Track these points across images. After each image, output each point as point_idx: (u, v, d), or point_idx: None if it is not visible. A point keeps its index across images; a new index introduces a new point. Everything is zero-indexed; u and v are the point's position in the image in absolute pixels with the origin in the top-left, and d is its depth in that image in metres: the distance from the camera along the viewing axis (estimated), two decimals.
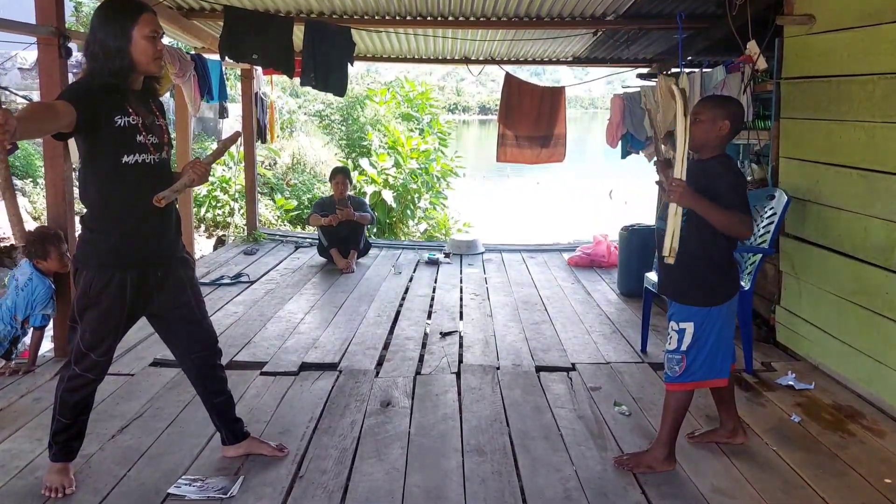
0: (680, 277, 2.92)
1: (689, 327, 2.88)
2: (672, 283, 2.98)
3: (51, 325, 4.26)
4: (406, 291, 6.07)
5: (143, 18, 2.51)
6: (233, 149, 11.18)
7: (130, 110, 2.54)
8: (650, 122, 6.36)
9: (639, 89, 6.87)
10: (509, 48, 7.69)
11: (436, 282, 6.46)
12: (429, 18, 6.23)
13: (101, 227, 2.61)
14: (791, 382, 3.90)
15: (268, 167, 13.72)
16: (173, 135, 4.27)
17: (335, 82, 6.34)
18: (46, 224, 4.33)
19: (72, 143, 4.04)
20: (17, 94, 9.45)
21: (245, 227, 8.93)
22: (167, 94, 5.48)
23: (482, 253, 7.79)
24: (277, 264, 6.98)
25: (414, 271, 6.87)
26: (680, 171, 2.70)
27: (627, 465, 2.98)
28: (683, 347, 2.89)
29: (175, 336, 2.87)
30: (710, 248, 2.86)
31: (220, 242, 10.34)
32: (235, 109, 10.70)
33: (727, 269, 2.93)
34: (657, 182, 3.07)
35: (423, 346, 4.63)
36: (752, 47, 4.71)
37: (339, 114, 15.30)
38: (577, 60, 8.29)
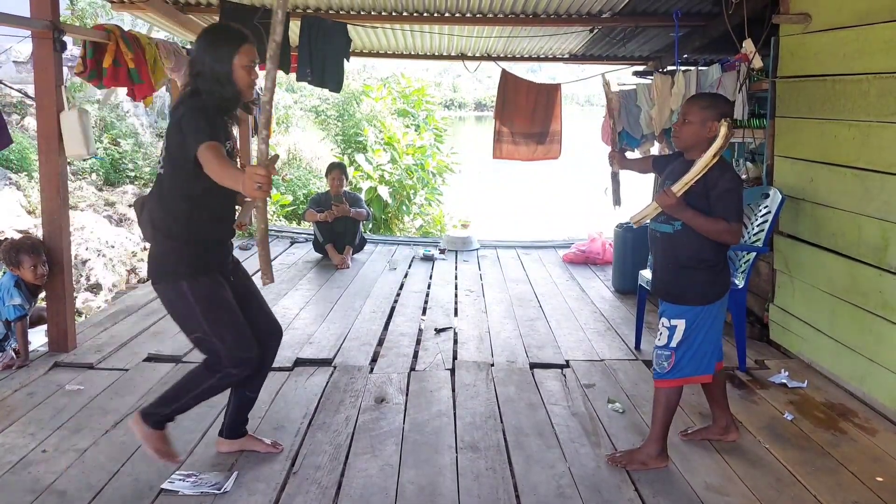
0: (673, 279, 2.95)
1: (681, 324, 2.90)
2: (665, 284, 3.00)
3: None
4: (401, 287, 6.07)
5: (243, 49, 2.61)
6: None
7: (230, 134, 2.70)
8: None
9: (635, 87, 6.88)
10: (506, 45, 7.68)
11: (431, 278, 6.47)
12: (425, 14, 6.23)
13: (186, 237, 2.68)
14: (784, 380, 3.92)
15: None
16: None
17: (331, 78, 6.33)
18: (42, 220, 4.31)
19: (67, 135, 4.04)
20: (11, 87, 9.42)
21: None
22: (163, 89, 5.46)
23: (477, 249, 7.79)
24: (272, 260, 6.94)
25: (409, 267, 6.87)
26: (681, 188, 2.74)
27: (621, 462, 2.99)
28: (673, 344, 2.90)
29: (253, 324, 2.87)
30: (703, 251, 2.87)
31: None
32: None
33: (720, 270, 2.93)
34: (612, 174, 3.10)
35: (418, 342, 4.63)
36: (748, 46, 4.72)
37: (335, 109, 15.27)
38: (574, 57, 8.29)
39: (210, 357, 2.71)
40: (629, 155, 3.95)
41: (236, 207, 2.97)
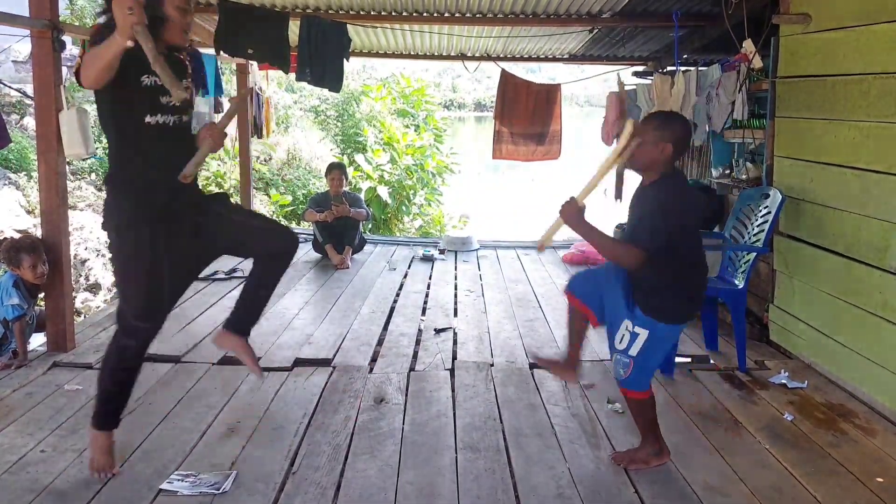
0: (651, 291, 2.87)
1: (644, 334, 2.83)
2: (643, 294, 2.89)
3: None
4: (400, 288, 6.07)
5: None
6: (228, 144, 11.15)
7: (153, 72, 2.52)
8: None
9: (634, 87, 6.87)
10: (505, 45, 7.68)
11: (430, 278, 6.46)
12: (425, 14, 6.22)
13: (123, 189, 2.63)
14: (784, 381, 3.91)
15: (263, 162, 13.68)
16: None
17: (331, 78, 6.32)
18: (41, 219, 4.31)
19: (66, 135, 4.03)
20: (10, 87, 9.41)
21: None
22: None
23: (477, 249, 7.79)
24: None
25: (408, 268, 6.87)
26: (582, 195, 2.75)
27: (623, 461, 2.99)
28: (633, 352, 2.85)
29: (253, 251, 2.93)
30: (655, 270, 2.78)
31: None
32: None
33: (684, 293, 2.89)
34: (617, 172, 3.08)
35: (418, 342, 4.62)
36: (748, 46, 4.72)
37: (335, 109, 15.28)
38: (573, 58, 8.29)
39: (117, 320, 2.73)
40: None
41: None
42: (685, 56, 6.73)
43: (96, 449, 2.82)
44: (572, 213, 2.77)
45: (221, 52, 6.05)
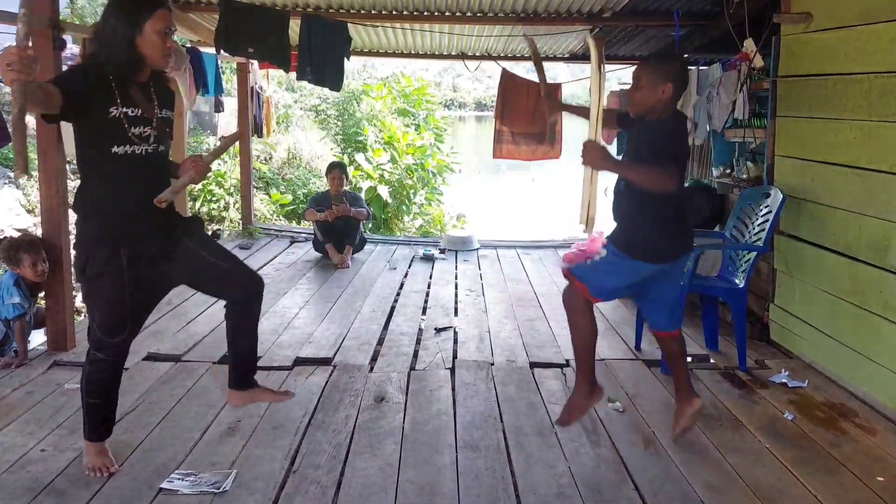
0: (622, 232, 3.05)
1: (603, 253, 3.04)
2: (617, 234, 3.09)
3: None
4: (401, 287, 6.07)
5: (158, 14, 2.51)
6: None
7: (129, 101, 2.53)
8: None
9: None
10: (506, 44, 7.67)
11: (431, 277, 6.46)
12: (426, 13, 6.22)
13: (88, 211, 2.62)
14: (784, 380, 3.91)
15: (263, 161, 13.67)
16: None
17: (331, 77, 6.32)
18: (41, 218, 4.31)
19: (66, 134, 4.03)
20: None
21: (240, 222, 8.91)
22: None
23: (477, 249, 7.79)
24: (272, 259, 6.97)
25: (409, 267, 6.87)
26: (593, 132, 2.74)
27: (565, 421, 3.09)
28: (591, 261, 3.07)
29: (214, 291, 2.95)
30: (639, 210, 2.90)
31: (215, 237, 10.30)
32: (231, 103, 10.67)
33: (653, 234, 2.95)
34: (551, 123, 3.16)
35: (418, 341, 4.62)
36: (749, 45, 4.71)
37: (335, 109, 15.27)
38: (574, 57, 8.28)
39: (88, 336, 2.76)
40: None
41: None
42: (686, 55, 6.72)
43: (92, 455, 2.83)
44: (597, 154, 2.76)
45: (222, 51, 6.05)
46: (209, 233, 2.99)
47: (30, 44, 2.12)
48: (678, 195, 2.93)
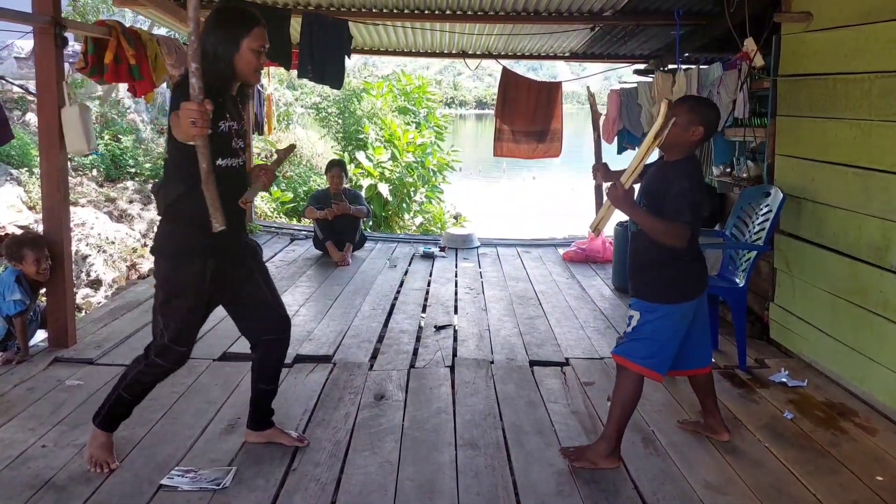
0: (635, 275, 3.02)
1: (636, 315, 2.94)
2: (631, 280, 3.06)
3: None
4: (401, 285, 6.07)
5: (255, 32, 2.58)
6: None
7: (228, 115, 2.61)
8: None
9: (636, 85, 6.87)
10: (506, 43, 7.67)
11: (431, 276, 6.47)
12: (426, 12, 6.23)
13: (183, 220, 2.66)
14: (784, 379, 3.92)
15: (264, 159, 13.68)
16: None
17: (332, 75, 6.33)
18: (42, 215, 4.31)
19: (66, 132, 4.03)
20: (13, 83, 9.41)
21: None
22: (164, 85, 5.45)
23: (477, 247, 7.79)
24: (273, 256, 6.98)
25: (409, 265, 6.87)
26: (627, 178, 2.80)
27: (571, 457, 3.00)
28: (629, 330, 2.95)
29: (250, 321, 2.96)
30: (659, 252, 2.87)
31: None
32: None
33: (679, 274, 2.92)
34: (595, 187, 3.12)
35: (418, 339, 4.63)
36: (750, 44, 4.71)
37: (336, 107, 15.27)
38: (574, 56, 8.28)
39: (152, 340, 2.80)
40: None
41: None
42: (686, 54, 6.72)
43: (97, 446, 2.86)
44: (620, 196, 2.80)
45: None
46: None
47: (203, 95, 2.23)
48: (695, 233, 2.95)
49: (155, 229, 10.19)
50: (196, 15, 2.28)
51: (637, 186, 2.97)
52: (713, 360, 4.22)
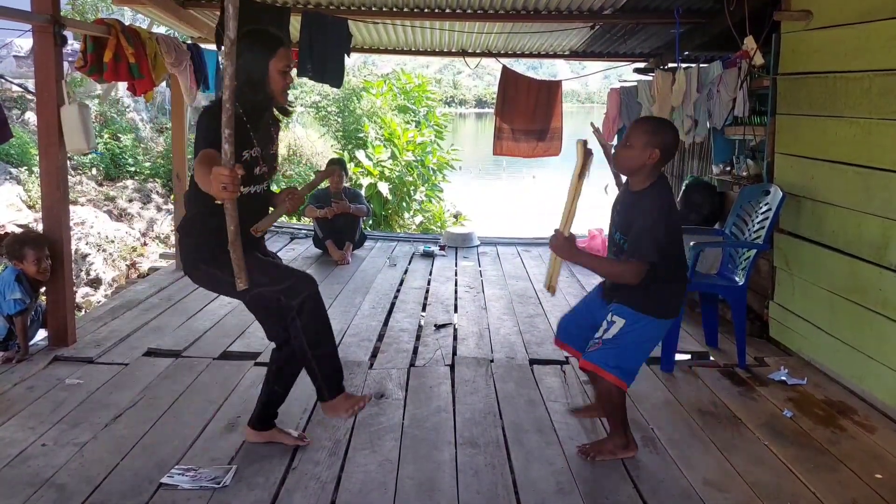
0: (630, 289, 2.90)
1: (620, 323, 2.88)
2: (618, 288, 2.96)
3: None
4: (401, 284, 6.07)
5: (280, 52, 2.60)
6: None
7: (255, 143, 2.62)
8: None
9: (635, 84, 6.87)
10: (506, 41, 7.67)
11: (431, 274, 6.47)
12: (426, 10, 6.22)
13: (202, 233, 2.67)
14: (783, 377, 3.92)
15: None
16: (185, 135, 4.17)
17: (332, 73, 6.32)
18: (42, 214, 4.31)
19: (66, 131, 4.03)
20: (12, 82, 9.42)
21: None
22: (163, 84, 5.45)
23: (477, 246, 7.79)
24: (276, 252, 6.96)
25: (409, 264, 6.87)
26: (564, 225, 2.82)
27: (591, 453, 3.01)
28: (607, 336, 2.88)
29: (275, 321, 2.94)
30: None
31: None
32: None
33: (661, 292, 2.89)
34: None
35: (418, 338, 4.63)
36: (750, 43, 4.71)
37: (336, 105, 15.27)
38: (574, 54, 8.27)
39: (282, 309, 2.78)
40: None
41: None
42: (686, 53, 6.71)
43: (341, 404, 2.83)
44: (562, 245, 2.84)
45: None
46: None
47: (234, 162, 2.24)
48: (680, 251, 2.92)
49: (154, 228, 10.15)
50: (231, 83, 2.24)
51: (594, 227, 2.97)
52: (712, 357, 4.25)
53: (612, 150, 3.29)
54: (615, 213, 3.02)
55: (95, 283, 8.61)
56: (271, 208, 2.88)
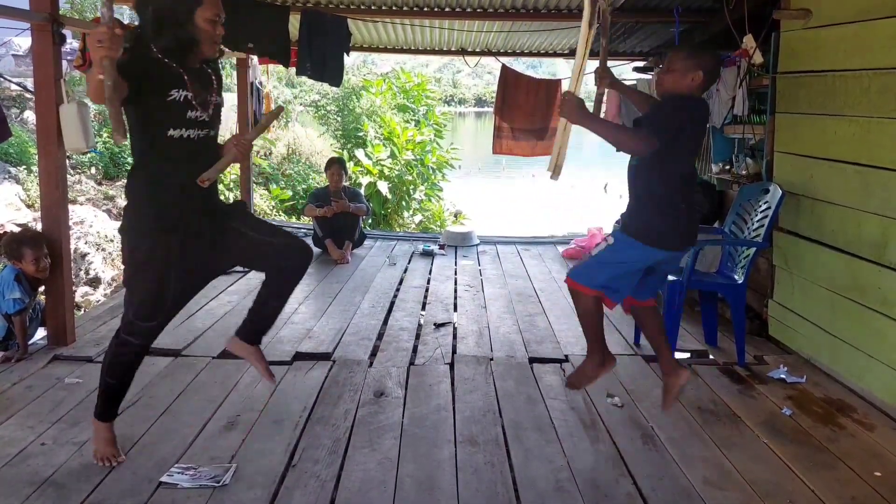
0: (628, 212, 3.04)
1: (610, 241, 2.98)
2: (628, 220, 3.04)
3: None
4: (400, 282, 6.07)
5: (207, 2, 2.54)
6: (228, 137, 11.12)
7: (187, 85, 2.56)
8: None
9: (635, 82, 6.87)
10: (506, 40, 7.67)
11: (430, 273, 6.47)
12: (425, 9, 6.22)
13: (137, 197, 2.65)
14: (783, 376, 3.92)
15: (263, 157, 13.68)
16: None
17: (331, 72, 6.32)
18: (41, 213, 4.31)
19: (66, 130, 4.03)
20: (10, 81, 9.41)
21: None
22: None
23: (477, 245, 7.79)
24: None
25: (409, 263, 6.87)
26: (574, 83, 2.76)
27: (574, 384, 3.12)
28: (594, 252, 3.01)
29: (262, 264, 2.95)
30: (648, 192, 2.91)
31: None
32: (231, 98, 10.69)
33: (664, 218, 2.92)
34: (597, 95, 3.12)
35: (417, 336, 4.63)
36: (749, 41, 4.71)
37: (335, 104, 15.27)
38: (574, 53, 8.26)
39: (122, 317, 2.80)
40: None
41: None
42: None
43: (99, 440, 2.87)
44: (573, 107, 2.79)
45: (222, 46, 6.03)
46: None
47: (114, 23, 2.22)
48: (687, 180, 2.93)
49: None
50: None
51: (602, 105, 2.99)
52: (711, 355, 4.25)
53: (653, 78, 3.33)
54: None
55: (94, 282, 8.60)
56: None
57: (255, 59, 7.94)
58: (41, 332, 4.37)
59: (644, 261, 2.99)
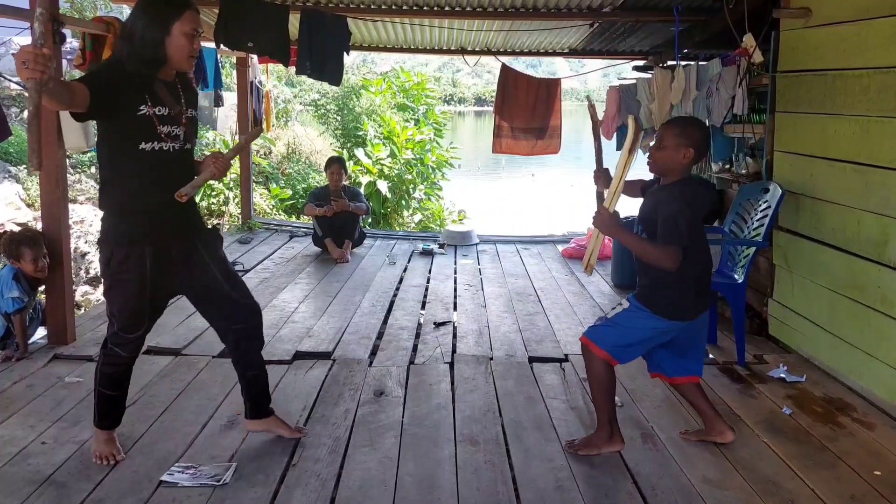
0: (640, 278, 3.02)
1: (625, 304, 2.98)
2: (639, 287, 3.03)
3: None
4: (400, 282, 6.08)
5: (186, 15, 2.54)
6: (227, 137, 11.14)
7: (158, 100, 2.56)
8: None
9: (635, 81, 6.87)
10: (506, 39, 7.67)
11: (430, 272, 6.47)
12: (425, 8, 6.22)
13: (110, 208, 2.65)
14: (782, 375, 3.92)
15: (263, 156, 13.67)
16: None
17: (331, 71, 6.31)
18: (41, 213, 4.31)
19: (66, 129, 4.04)
20: (10, 80, 9.40)
21: (240, 216, 8.90)
22: None
23: (477, 244, 7.80)
24: (272, 253, 6.98)
25: (408, 262, 6.88)
26: (610, 201, 2.85)
27: (577, 448, 3.03)
28: (610, 315, 3.00)
29: (213, 313, 2.94)
30: (663, 272, 2.86)
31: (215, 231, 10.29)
32: (230, 98, 10.69)
33: (675, 294, 2.90)
34: (597, 194, 3.12)
35: (417, 336, 4.64)
36: (749, 40, 4.71)
37: (335, 103, 15.26)
38: (574, 52, 8.27)
39: (107, 328, 2.83)
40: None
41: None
42: (685, 50, 6.72)
43: (100, 442, 2.89)
44: (606, 221, 2.88)
45: (221, 45, 6.04)
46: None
47: (45, 42, 2.12)
48: (701, 253, 2.94)
49: None
50: None
51: (628, 210, 3.00)
52: (711, 355, 4.25)
53: (600, 127, 3.34)
54: (641, 211, 3.04)
55: (95, 281, 8.60)
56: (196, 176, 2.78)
57: (254, 58, 7.94)
58: (41, 332, 4.37)
59: (657, 329, 2.96)
